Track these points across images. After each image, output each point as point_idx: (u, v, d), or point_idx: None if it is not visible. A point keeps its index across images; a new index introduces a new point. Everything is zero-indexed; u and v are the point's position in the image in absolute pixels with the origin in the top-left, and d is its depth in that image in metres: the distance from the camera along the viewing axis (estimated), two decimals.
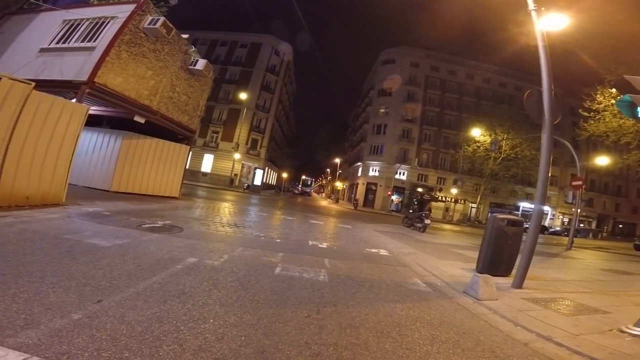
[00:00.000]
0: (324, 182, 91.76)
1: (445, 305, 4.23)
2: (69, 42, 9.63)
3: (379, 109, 47.67)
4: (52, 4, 11.51)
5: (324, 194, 77.47)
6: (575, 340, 3.33)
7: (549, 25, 6.00)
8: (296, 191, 63.55)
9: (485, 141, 34.33)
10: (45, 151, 6.67)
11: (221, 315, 2.83)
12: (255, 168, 37.44)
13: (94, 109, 10.45)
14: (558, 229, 38.39)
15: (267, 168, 47.05)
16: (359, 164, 49.64)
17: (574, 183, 16.75)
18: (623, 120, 14.74)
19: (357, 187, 47.53)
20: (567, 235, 20.53)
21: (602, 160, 23.24)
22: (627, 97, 4.11)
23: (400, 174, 42.88)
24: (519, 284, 5.42)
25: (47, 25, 10.25)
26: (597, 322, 4.00)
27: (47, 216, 5.86)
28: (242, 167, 41.94)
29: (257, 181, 35.59)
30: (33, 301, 2.52)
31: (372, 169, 45.47)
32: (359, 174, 47.98)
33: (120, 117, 11.68)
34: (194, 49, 13.33)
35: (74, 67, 8.94)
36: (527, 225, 6.88)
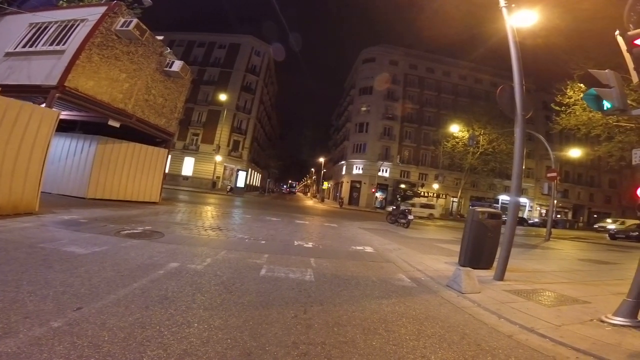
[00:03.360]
0: (309, 181, 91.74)
1: (430, 299, 4.29)
2: (36, 46, 9.27)
3: (361, 107, 48.00)
4: (18, 7, 11.03)
5: (309, 194, 77.35)
6: (558, 331, 3.40)
7: (519, 21, 6.17)
8: (284, 191, 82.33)
9: (463, 137, 35.10)
10: (15, 159, 6.40)
11: (206, 319, 2.78)
12: (238, 170, 37.02)
13: (65, 114, 10.09)
14: (536, 220, 39.57)
15: (250, 169, 46.59)
16: (343, 162, 49.85)
17: (548, 175, 17.33)
18: (592, 114, 15.32)
19: (342, 186, 47.72)
20: (545, 227, 21.19)
21: (575, 152, 24.13)
22: (593, 90, 4.26)
23: (383, 171, 43.36)
24: (500, 276, 5.54)
25: (12, 29, 9.84)
26: (578, 313, 4.09)
27: (21, 225, 5.63)
28: (225, 169, 41.41)
29: (241, 183, 35.19)
30: (9, 310, 2.43)
31: (356, 167, 45.77)
32: (343, 172, 48.19)
33: (94, 122, 11.30)
34: (169, 50, 13.05)
35: (43, 71, 8.61)
36: (505, 218, 7.05)
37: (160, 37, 12.27)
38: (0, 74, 8.89)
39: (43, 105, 7.87)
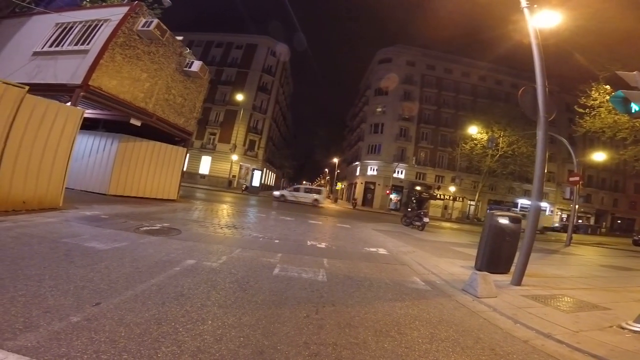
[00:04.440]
0: (322, 182, 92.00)
1: (445, 303, 4.23)
2: (62, 46, 9.59)
3: (376, 108, 47.67)
4: (44, 7, 11.45)
5: None
6: (576, 337, 3.32)
7: (541, 22, 6.02)
8: None
9: (482, 139, 34.44)
10: (41, 155, 6.64)
11: (220, 316, 2.83)
12: (254, 169, 37.42)
13: (89, 112, 10.40)
14: (557, 225, 38.46)
15: (265, 169, 46.99)
16: (357, 163, 49.64)
17: (571, 179, 16.82)
18: (618, 116, 14.80)
19: (355, 187, 47.51)
20: (565, 232, 20.61)
21: (599, 156, 23.29)
22: (620, 93, 4.13)
23: (398, 172, 42.91)
24: (518, 281, 5.43)
25: (39, 29, 10.21)
26: (597, 319, 4.00)
27: (45, 220, 5.84)
28: (240, 168, 41.88)
29: (256, 182, 35.55)
30: (31, 304, 2.52)
31: (371, 168, 45.48)
32: (357, 173, 47.98)
33: (116, 120, 11.63)
34: (188, 50, 13.30)
35: (68, 70, 8.91)
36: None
37: (179, 38, 12.51)
38: (29, 72, 9.24)
39: (68, 103, 8.14)
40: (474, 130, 33.62)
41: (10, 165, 6.03)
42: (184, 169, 14.25)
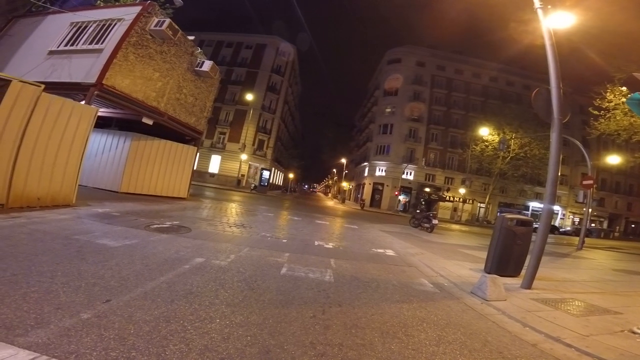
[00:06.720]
0: (330, 182, 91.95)
1: (453, 305, 4.20)
2: (77, 45, 9.77)
3: (385, 109, 47.47)
4: (59, 6, 11.69)
5: (330, 194, 77.34)
6: (585, 341, 3.28)
7: (555, 23, 5.93)
8: (306, 191, 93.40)
9: (493, 140, 34.01)
10: (56, 153, 6.78)
11: (227, 315, 2.85)
12: (262, 169, 37.66)
13: (102, 111, 10.58)
14: (568, 229, 37.87)
15: (273, 168, 47.19)
16: (365, 164, 49.50)
17: (584, 182, 16.48)
18: (634, 119, 14.49)
19: (363, 187, 47.38)
20: (577, 235, 20.27)
21: (613, 159, 22.78)
22: (637, 95, 4.05)
23: (407, 173, 42.66)
24: (528, 285, 5.36)
25: (55, 28, 10.42)
26: (608, 323, 3.94)
27: (58, 217, 5.95)
28: (249, 167, 42.13)
29: (264, 182, 35.76)
30: (43, 301, 2.56)
31: (379, 169, 45.29)
32: (366, 174, 47.84)
33: (128, 119, 11.82)
34: (199, 50, 13.42)
35: (83, 69, 9.06)
36: (536, 225, 6.79)
37: (191, 37, 12.62)
38: (44, 71, 9.43)
39: (82, 102, 8.28)
40: (484, 131, 33.19)
41: (26, 163, 6.16)
42: (194, 168, 14.40)
